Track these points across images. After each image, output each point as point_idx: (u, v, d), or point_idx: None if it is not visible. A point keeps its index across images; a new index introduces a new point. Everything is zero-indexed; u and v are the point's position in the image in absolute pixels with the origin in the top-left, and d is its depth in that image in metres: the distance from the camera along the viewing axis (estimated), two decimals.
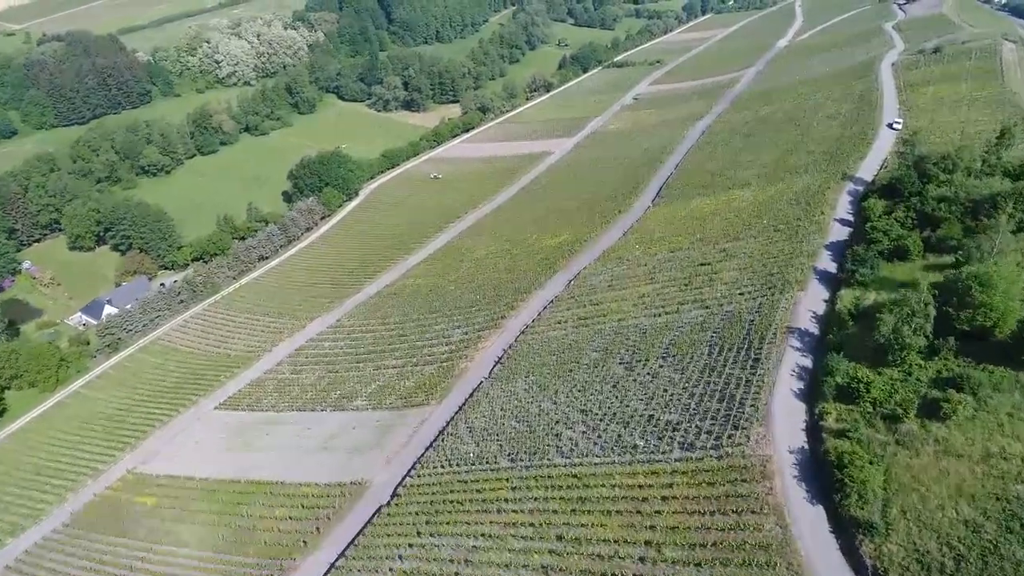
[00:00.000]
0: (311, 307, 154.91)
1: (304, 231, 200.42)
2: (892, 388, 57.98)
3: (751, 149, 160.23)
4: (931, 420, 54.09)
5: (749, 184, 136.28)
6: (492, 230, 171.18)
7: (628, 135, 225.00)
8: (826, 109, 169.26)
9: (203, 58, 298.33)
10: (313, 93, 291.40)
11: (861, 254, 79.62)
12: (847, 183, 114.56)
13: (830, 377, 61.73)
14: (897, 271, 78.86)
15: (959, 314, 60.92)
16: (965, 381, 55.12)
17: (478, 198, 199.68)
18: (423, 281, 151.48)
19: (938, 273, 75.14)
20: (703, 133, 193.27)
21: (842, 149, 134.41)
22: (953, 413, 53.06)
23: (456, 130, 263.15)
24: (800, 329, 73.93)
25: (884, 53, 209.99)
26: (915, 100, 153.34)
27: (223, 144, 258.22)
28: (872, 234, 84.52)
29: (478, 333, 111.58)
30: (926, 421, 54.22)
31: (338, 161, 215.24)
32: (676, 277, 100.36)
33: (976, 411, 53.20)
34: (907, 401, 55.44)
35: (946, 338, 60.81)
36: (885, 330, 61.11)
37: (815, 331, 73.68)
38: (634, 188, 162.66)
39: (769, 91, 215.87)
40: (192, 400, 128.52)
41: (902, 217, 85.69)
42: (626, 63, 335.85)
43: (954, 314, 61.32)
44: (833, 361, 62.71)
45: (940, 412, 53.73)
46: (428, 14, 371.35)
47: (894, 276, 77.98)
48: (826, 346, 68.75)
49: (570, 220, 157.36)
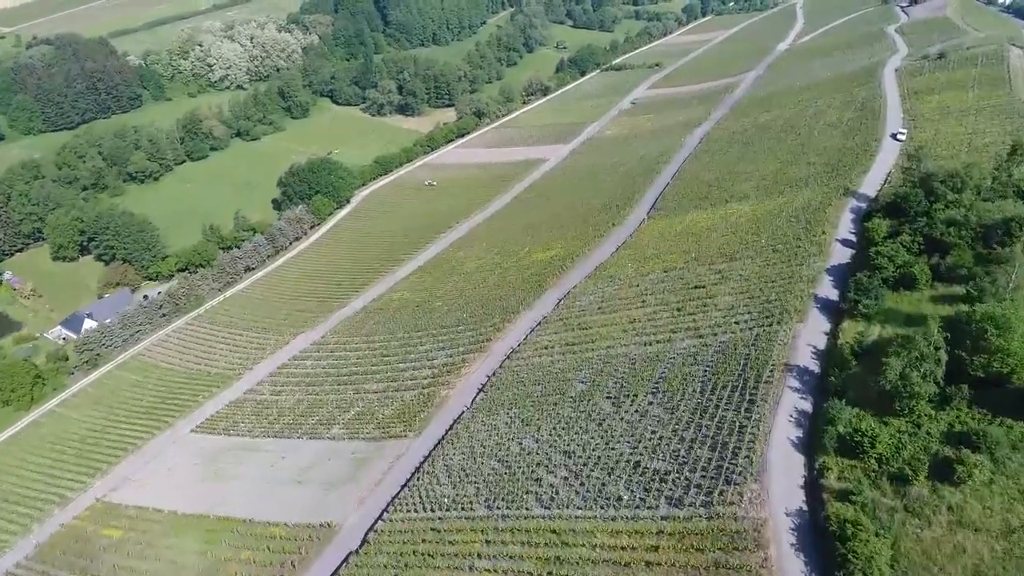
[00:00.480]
0: (296, 322, 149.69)
1: (293, 240, 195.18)
2: (899, 443, 52.46)
3: (750, 159, 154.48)
4: (943, 484, 48.54)
5: (747, 197, 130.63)
6: (483, 241, 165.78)
7: (625, 141, 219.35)
8: (827, 117, 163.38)
9: (195, 61, 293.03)
10: (306, 97, 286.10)
11: (864, 283, 74.00)
12: (849, 199, 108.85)
13: (831, 426, 56.22)
14: (903, 302, 73.25)
15: (973, 359, 55.37)
16: (981, 438, 49.58)
17: (471, 206, 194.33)
18: (410, 296, 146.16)
19: (948, 306, 69.55)
20: (701, 140, 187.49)
21: (844, 161, 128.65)
22: (968, 477, 47.55)
23: (451, 135, 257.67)
24: (799, 367, 68.34)
25: (887, 58, 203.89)
26: (919, 109, 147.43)
27: (214, 150, 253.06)
28: (876, 259, 78.87)
29: (462, 356, 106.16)
30: (938, 485, 48.67)
31: (328, 168, 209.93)
32: (669, 301, 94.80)
33: (994, 475, 47.68)
34: (916, 460, 49.93)
35: (959, 385, 55.26)
36: (892, 376, 55.57)
37: (815, 369, 68.09)
38: (629, 199, 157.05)
39: (769, 97, 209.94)
40: (168, 422, 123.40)
41: (908, 241, 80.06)
42: (624, 66, 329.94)
43: (967, 359, 55.77)
44: (834, 409, 57.18)
45: (954, 475, 48.22)
46: (425, 16, 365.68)
47: (900, 307, 72.37)
48: (827, 388, 63.21)
49: (563, 232, 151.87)
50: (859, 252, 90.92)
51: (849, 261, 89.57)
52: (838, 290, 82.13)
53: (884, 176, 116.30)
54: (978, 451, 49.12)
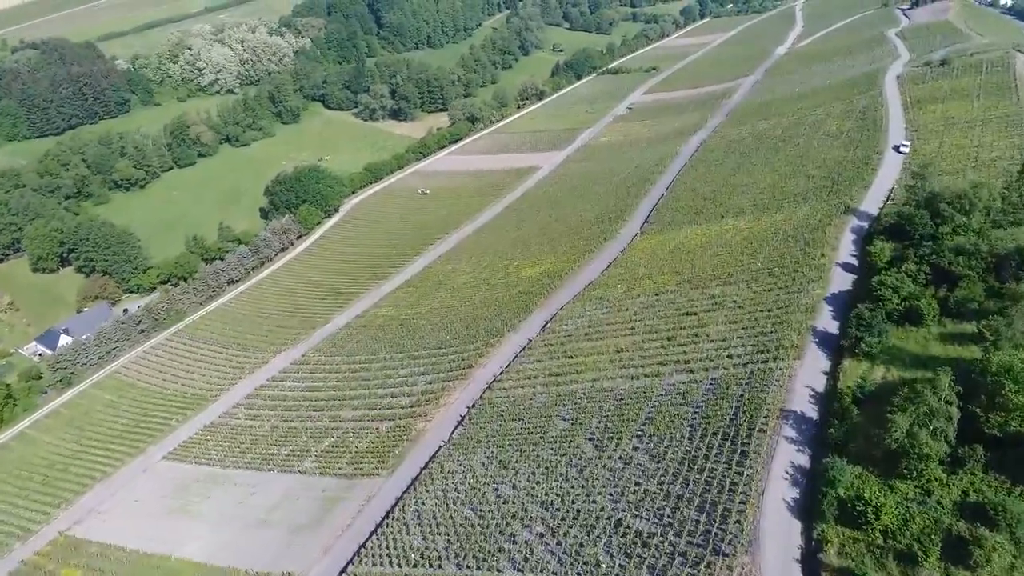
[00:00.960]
0: (277, 338, 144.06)
1: (279, 251, 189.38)
2: (907, 514, 46.79)
3: (747, 170, 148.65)
4: (958, 567, 42.94)
5: (743, 212, 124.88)
6: (472, 254, 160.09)
7: (620, 149, 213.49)
8: (827, 127, 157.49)
9: (185, 65, 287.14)
10: (297, 102, 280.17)
11: (867, 317, 68.25)
12: (850, 217, 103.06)
13: (831, 489, 50.59)
14: (909, 339, 67.51)
15: (988, 416, 49.70)
16: (1000, 513, 43.93)
17: (462, 216, 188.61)
18: (395, 312, 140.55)
19: (958, 346, 63.86)
20: (697, 149, 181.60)
21: (844, 175, 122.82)
22: (986, 562, 41.91)
23: (443, 141, 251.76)
24: (795, 413, 62.62)
25: (888, 64, 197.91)
26: (923, 119, 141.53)
27: (202, 156, 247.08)
28: (879, 290, 73.11)
29: (443, 384, 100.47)
30: (951, 568, 43.06)
31: (316, 176, 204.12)
32: (659, 329, 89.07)
33: (1016, 559, 42.01)
34: (927, 536, 44.32)
35: (973, 446, 49.57)
36: (898, 434, 49.91)
37: (813, 415, 62.39)
38: (622, 211, 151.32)
39: (767, 103, 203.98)
40: (140, 448, 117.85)
41: (914, 270, 74.29)
42: (621, 70, 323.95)
43: (982, 415, 50.07)
44: (834, 468, 51.53)
45: (970, 557, 42.56)
46: (419, 19, 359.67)
47: (905, 346, 66.66)
48: (826, 440, 57.53)
49: (554, 245, 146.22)
50: (861, 278, 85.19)
51: (850, 288, 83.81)
52: (838, 322, 76.38)
53: (887, 192, 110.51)
54: (996, 528, 43.49)
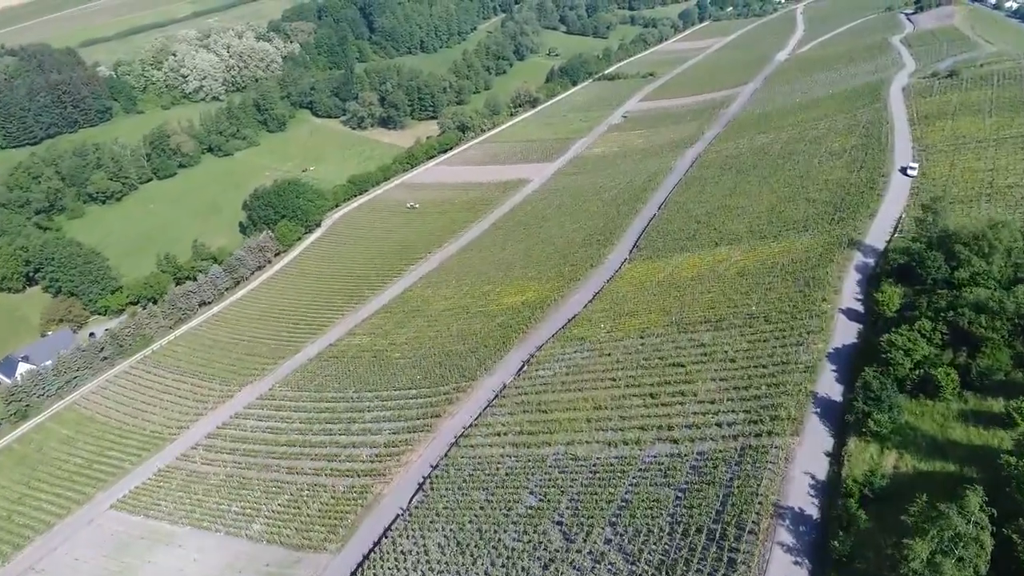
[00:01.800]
0: (246, 368, 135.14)
1: (255, 270, 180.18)
2: None
3: (744, 190, 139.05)
4: None
5: (739, 239, 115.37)
6: (454, 276, 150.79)
7: (613, 161, 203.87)
8: (829, 143, 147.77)
9: (169, 72, 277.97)
10: (284, 109, 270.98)
11: (875, 387, 58.74)
12: (854, 253, 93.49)
13: None
14: (925, 416, 58.06)
15: None
16: None
17: (446, 233, 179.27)
18: (369, 342, 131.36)
19: (983, 429, 54.43)
20: (692, 164, 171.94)
21: (848, 201, 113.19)
22: None
23: (432, 151, 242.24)
24: (793, 511, 53.21)
25: (893, 74, 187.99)
26: (931, 137, 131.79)
27: (182, 167, 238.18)
28: (889, 351, 63.62)
29: (408, 434, 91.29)
30: None
31: (296, 191, 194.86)
32: (641, 382, 79.68)
33: None
34: None
35: None
36: (917, 564, 40.52)
37: (813, 513, 52.97)
38: (612, 233, 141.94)
39: (766, 114, 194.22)
40: (89, 493, 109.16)
41: (928, 329, 64.71)
42: (617, 75, 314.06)
43: (1020, 544, 40.65)
44: None
45: None
46: (412, 23, 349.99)
47: (921, 424, 57.23)
48: (828, 551, 48.12)
49: (538, 270, 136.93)
50: (867, 328, 75.79)
51: (856, 341, 74.31)
52: (842, 386, 66.89)
53: (894, 222, 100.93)
54: None
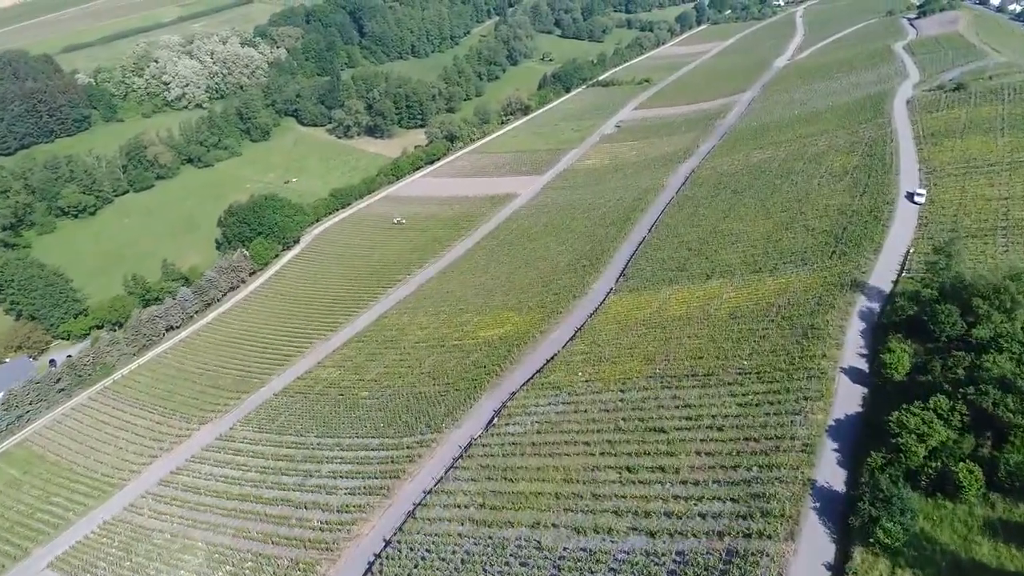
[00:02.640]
0: (208, 402, 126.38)
1: (227, 291, 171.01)
2: None
3: (739, 213, 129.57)
4: None
5: (732, 272, 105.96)
6: (432, 302, 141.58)
7: (604, 175, 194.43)
8: (829, 162, 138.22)
9: (150, 79, 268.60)
10: (267, 118, 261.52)
11: (885, 487, 49.37)
12: (858, 296, 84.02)
13: None
14: (944, 524, 48.69)
15: None
16: None
17: (429, 252, 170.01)
18: (337, 376, 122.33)
19: (1015, 548, 45.05)
20: (685, 182, 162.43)
21: (850, 232, 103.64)
22: None
23: (418, 162, 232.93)
24: None
25: (896, 85, 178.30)
26: (939, 158, 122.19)
27: (160, 178, 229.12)
28: (899, 435, 54.30)
29: (364, 497, 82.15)
30: None
31: (273, 206, 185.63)
32: (618, 451, 70.31)
33: None
34: None
35: None
36: None
37: None
38: (598, 257, 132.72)
39: (764, 127, 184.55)
40: (26, 548, 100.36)
41: (945, 407, 55.31)
42: (612, 82, 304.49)
43: None
44: None
45: None
46: (403, 27, 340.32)
47: (939, 536, 47.86)
48: None
49: (520, 298, 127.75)
50: (873, 394, 66.40)
51: (860, 410, 64.86)
52: (845, 471, 57.48)
53: (901, 259, 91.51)
54: None
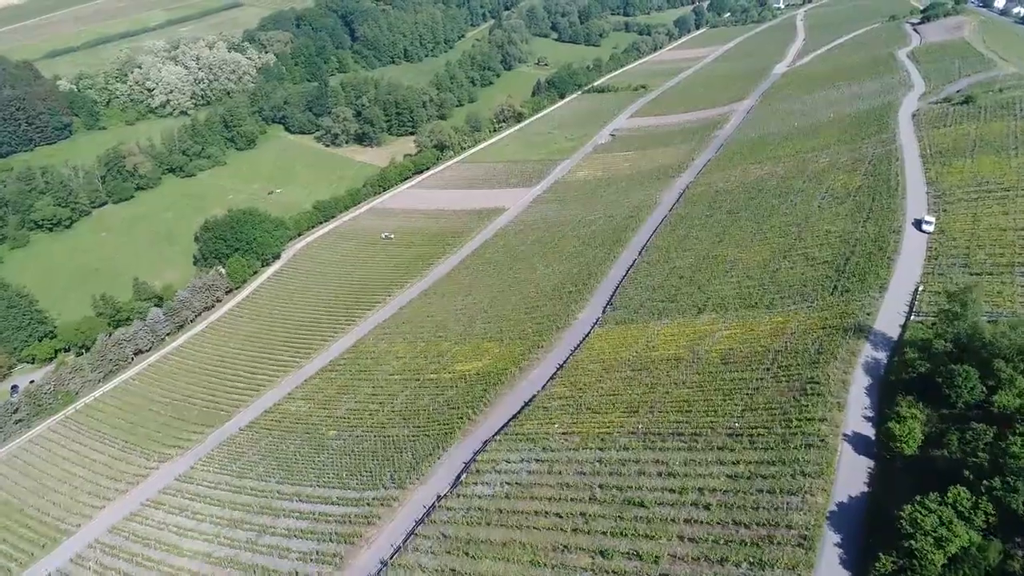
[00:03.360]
0: (171, 436, 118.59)
1: (202, 311, 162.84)
2: None
3: (734, 237, 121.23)
4: None
5: (725, 307, 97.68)
6: (411, 327, 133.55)
7: (596, 189, 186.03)
8: (831, 181, 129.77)
9: (133, 86, 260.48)
10: (253, 126, 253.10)
11: None
12: (862, 343, 75.55)
13: None
14: None
15: None
16: None
17: (412, 271, 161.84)
18: (306, 411, 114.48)
19: None
20: (680, 198, 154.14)
21: (853, 264, 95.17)
22: None
23: (406, 173, 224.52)
24: None
25: (901, 97, 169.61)
26: (948, 180, 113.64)
27: (140, 189, 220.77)
28: (914, 540, 45.98)
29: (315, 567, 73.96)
30: None
31: (252, 221, 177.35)
32: (592, 529, 61.98)
33: None
34: None
35: None
36: None
37: None
38: (585, 282, 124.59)
39: (762, 140, 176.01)
40: None
41: (967, 503, 47.05)
42: (607, 88, 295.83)
43: None
44: None
45: None
46: (395, 32, 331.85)
47: None
48: None
49: (501, 327, 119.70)
50: (881, 469, 58.10)
51: (866, 489, 56.53)
52: (849, 573, 49.25)
53: (910, 299, 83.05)
54: None
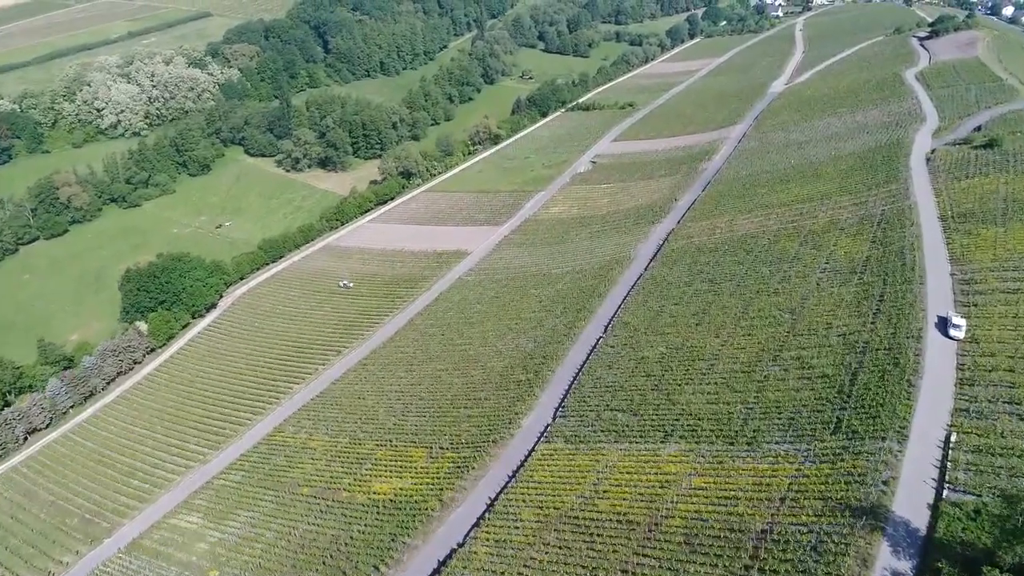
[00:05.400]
0: (43, 553, 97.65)
1: (116, 376, 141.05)
2: None
3: (714, 321, 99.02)
4: None
5: (697, 433, 75.86)
6: (338, 411, 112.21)
7: (568, 231, 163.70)
8: (832, 246, 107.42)
9: (81, 105, 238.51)
10: (208, 149, 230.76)
11: None
12: (877, 543, 53.43)
13: None
14: None
15: None
16: None
17: (354, 330, 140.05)
18: (194, 530, 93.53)
19: None
20: (657, 253, 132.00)
21: (861, 387, 72.90)
22: None
23: (367, 204, 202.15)
24: None
25: (912, 133, 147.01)
26: (976, 258, 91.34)
27: (76, 222, 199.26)
28: None
29: None
30: None
31: (182, 269, 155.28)
32: None
33: None
34: None
35: None
36: None
37: None
38: (537, 372, 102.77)
39: (753, 181, 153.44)
40: None
41: None
42: (592, 105, 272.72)
43: None
44: None
45: None
46: (371, 43, 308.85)
47: None
48: None
49: (435, 426, 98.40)
50: None
51: None
52: None
53: (940, 458, 60.96)
54: None
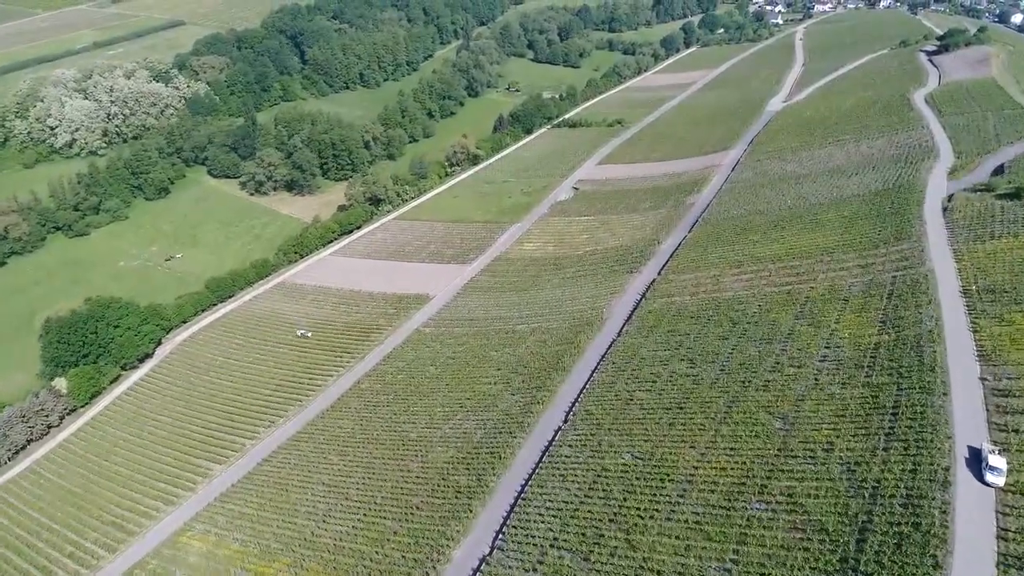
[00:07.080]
0: None
1: (26, 444, 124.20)
2: None
3: (691, 422, 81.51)
4: None
5: None
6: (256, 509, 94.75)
7: (540, 273, 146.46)
8: (833, 326, 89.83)
9: (34, 122, 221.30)
10: (166, 172, 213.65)
11: None
12: None
13: None
14: None
15: None
16: None
17: (296, 393, 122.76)
18: None
19: None
20: (633, 315, 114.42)
21: (871, 551, 55.64)
22: None
23: (330, 235, 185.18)
24: None
25: (924, 173, 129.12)
26: (1011, 357, 73.76)
27: (15, 254, 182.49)
28: None
29: None
30: None
31: (110, 317, 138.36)
32: None
33: None
34: None
35: None
36: None
37: None
38: (482, 474, 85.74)
39: (745, 225, 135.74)
40: None
41: None
42: (580, 122, 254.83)
43: None
44: None
45: None
46: (349, 54, 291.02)
47: None
48: None
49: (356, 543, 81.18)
50: None
51: None
52: None
53: None
54: None
